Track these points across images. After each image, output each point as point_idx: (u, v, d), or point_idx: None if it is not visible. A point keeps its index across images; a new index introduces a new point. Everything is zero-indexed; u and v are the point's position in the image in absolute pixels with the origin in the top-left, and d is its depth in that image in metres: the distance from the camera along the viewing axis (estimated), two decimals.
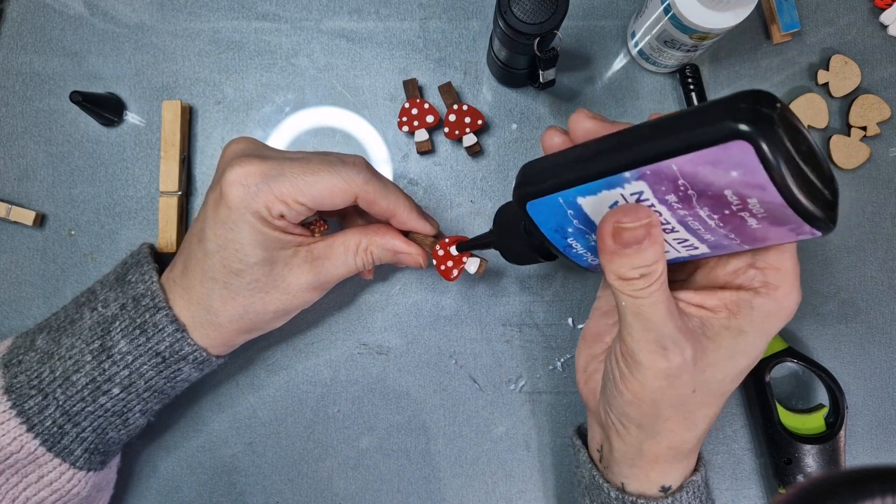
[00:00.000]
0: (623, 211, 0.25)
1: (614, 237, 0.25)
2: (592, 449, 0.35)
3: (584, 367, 0.34)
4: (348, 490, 0.44)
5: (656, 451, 0.30)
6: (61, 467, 0.35)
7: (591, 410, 0.34)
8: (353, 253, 0.36)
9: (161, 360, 0.35)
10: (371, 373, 0.44)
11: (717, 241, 0.25)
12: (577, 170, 0.26)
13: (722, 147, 0.21)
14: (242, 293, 0.34)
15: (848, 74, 0.44)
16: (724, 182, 0.22)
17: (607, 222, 0.25)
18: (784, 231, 0.23)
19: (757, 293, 0.27)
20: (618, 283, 0.26)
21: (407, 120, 0.43)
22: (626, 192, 0.25)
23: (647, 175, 0.24)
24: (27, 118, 0.44)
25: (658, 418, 0.29)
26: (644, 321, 0.26)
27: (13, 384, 0.34)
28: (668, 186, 0.24)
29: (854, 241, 0.44)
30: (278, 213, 0.33)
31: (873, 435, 0.44)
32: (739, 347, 0.27)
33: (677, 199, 0.24)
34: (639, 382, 0.28)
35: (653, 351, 0.26)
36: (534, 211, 0.29)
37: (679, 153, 0.23)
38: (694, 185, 0.23)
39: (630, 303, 0.26)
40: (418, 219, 0.36)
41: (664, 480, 0.32)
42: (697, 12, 0.36)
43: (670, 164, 0.23)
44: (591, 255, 0.30)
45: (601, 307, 0.35)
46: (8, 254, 0.44)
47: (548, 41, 0.36)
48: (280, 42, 0.45)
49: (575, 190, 0.26)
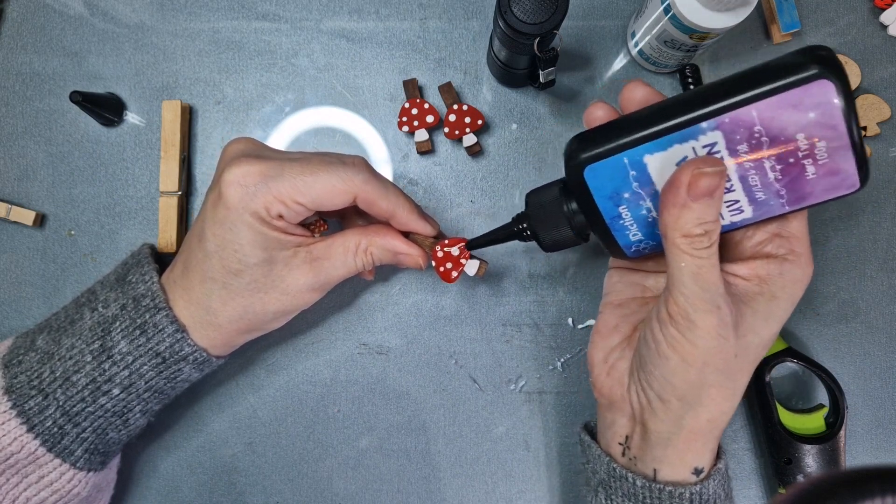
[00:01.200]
0: (701, 160, 0.26)
1: (690, 186, 0.26)
2: (612, 444, 0.35)
3: (603, 360, 0.34)
4: (348, 490, 0.44)
5: (695, 425, 0.31)
6: (61, 468, 0.35)
7: (615, 402, 0.34)
8: (352, 254, 0.36)
9: (161, 361, 0.35)
10: (371, 373, 0.44)
11: (764, 202, 0.28)
12: (647, 126, 0.28)
13: (805, 88, 0.24)
14: (242, 294, 0.34)
15: (848, 74, 0.44)
16: (800, 124, 0.25)
17: (685, 171, 0.26)
18: (833, 183, 0.26)
19: (785, 260, 0.29)
20: (682, 241, 0.27)
21: (407, 120, 0.43)
22: (698, 145, 0.27)
23: (726, 123, 0.26)
24: (27, 118, 0.44)
25: (703, 385, 0.30)
26: (702, 282, 0.27)
27: (13, 384, 0.34)
28: (744, 134, 0.26)
29: (854, 241, 0.44)
30: (277, 214, 0.33)
31: (873, 435, 0.44)
32: (773, 312, 0.30)
33: (749, 148, 0.26)
34: (690, 343, 0.29)
35: (708, 311, 0.28)
36: (592, 176, 0.29)
37: (761, 98, 0.25)
38: (769, 130, 0.25)
39: (690, 263, 0.27)
40: (418, 219, 0.36)
41: (698, 462, 0.32)
42: (697, 12, 0.36)
43: (751, 109, 0.25)
44: (636, 228, 0.31)
45: (613, 301, 0.35)
46: (8, 254, 0.44)
47: (548, 41, 0.36)
48: (280, 42, 0.45)
49: (644, 147, 0.28)
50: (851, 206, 0.44)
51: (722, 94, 0.26)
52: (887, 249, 0.44)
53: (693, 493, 0.31)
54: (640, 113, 0.29)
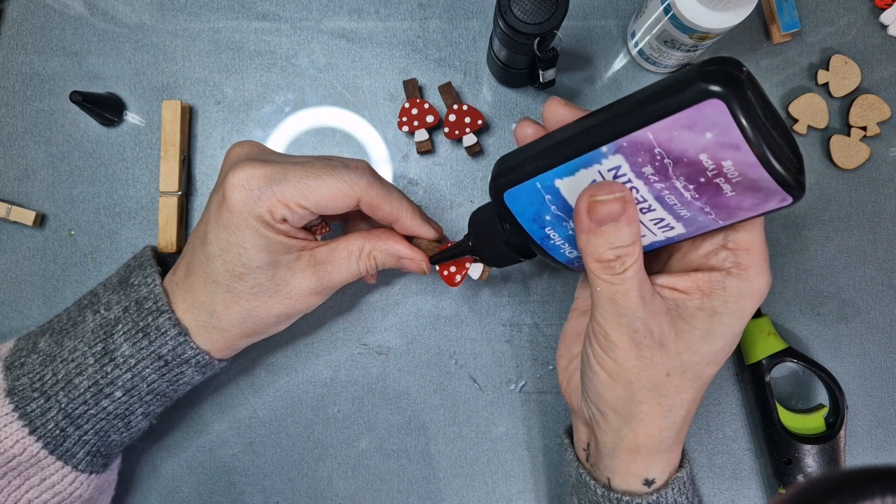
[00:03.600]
0: (597, 186, 0.25)
1: (590, 213, 0.25)
2: (579, 449, 0.35)
3: (565, 368, 0.35)
4: (348, 490, 0.44)
5: (634, 439, 0.30)
6: (63, 470, 0.35)
7: (575, 410, 0.35)
8: (356, 258, 0.36)
9: (163, 364, 0.35)
10: (371, 373, 0.44)
11: (692, 218, 0.26)
12: (553, 152, 0.27)
13: (696, 108, 0.22)
14: (245, 297, 0.34)
15: (848, 74, 0.44)
16: (699, 145, 0.23)
17: (582, 198, 0.26)
18: (758, 199, 0.24)
19: (729, 273, 0.27)
20: (595, 265, 0.27)
21: (407, 120, 0.43)
22: (603, 169, 0.26)
23: (624, 147, 0.25)
24: (27, 118, 0.44)
25: (632, 401, 0.29)
26: (617, 305, 0.27)
27: (15, 387, 0.34)
28: (645, 157, 0.24)
29: (854, 241, 0.44)
30: (281, 217, 0.33)
31: (873, 435, 0.44)
32: (714, 329, 0.28)
33: (654, 170, 0.25)
34: (612, 360, 0.28)
35: (624, 333, 0.27)
36: (511, 201, 0.29)
37: (654, 120, 0.23)
38: (670, 152, 0.24)
39: (605, 288, 0.27)
40: (422, 224, 0.36)
41: (647, 473, 0.32)
42: (697, 12, 0.36)
43: (646, 132, 0.24)
44: (568, 247, 0.30)
45: (579, 307, 0.36)
46: (8, 254, 0.44)
47: (548, 41, 0.36)
48: (280, 42, 0.45)
49: (552, 172, 0.27)
50: (851, 206, 0.44)
51: (621, 114, 0.25)
52: (887, 249, 0.44)
53: (650, 502, 0.31)
54: (551, 136, 0.28)
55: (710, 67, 0.22)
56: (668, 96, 0.23)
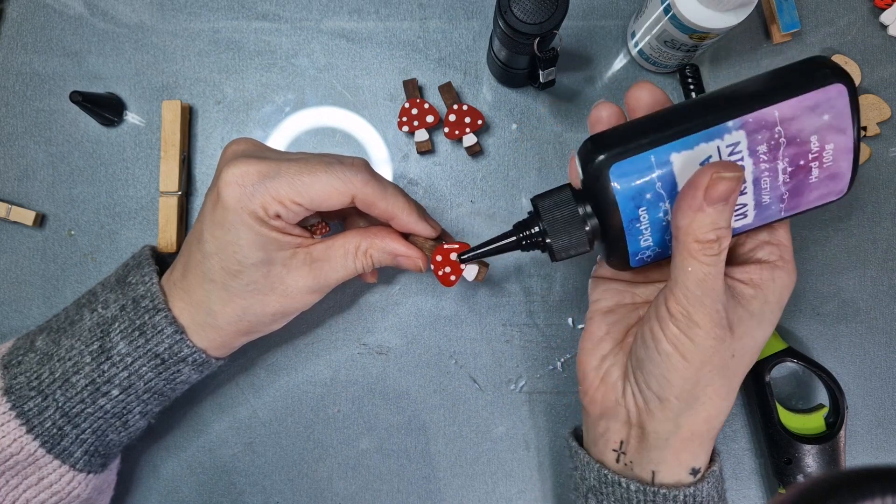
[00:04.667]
0: (720, 164, 0.27)
1: (708, 189, 0.26)
2: (605, 451, 0.34)
3: (596, 367, 0.34)
4: (348, 490, 0.44)
5: (693, 425, 0.31)
6: (61, 469, 0.35)
7: (609, 409, 0.33)
8: (352, 256, 0.36)
9: (160, 362, 0.35)
10: (371, 373, 0.44)
11: (766, 206, 0.29)
12: (674, 125, 0.28)
13: (823, 90, 0.26)
14: (241, 295, 0.34)
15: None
16: (815, 126, 0.26)
17: (704, 173, 0.26)
18: (828, 189, 0.28)
19: (776, 266, 0.31)
20: (694, 246, 0.27)
21: (407, 120, 0.43)
22: (722, 144, 0.27)
23: (749, 123, 0.27)
24: (27, 118, 0.44)
25: (699, 384, 0.30)
26: (706, 287, 0.28)
27: (13, 385, 0.34)
28: (764, 135, 0.27)
29: (854, 241, 0.44)
30: (275, 214, 0.33)
31: (873, 435, 0.44)
32: (765, 316, 0.31)
33: (767, 148, 0.27)
34: (690, 341, 0.29)
35: (708, 313, 0.28)
36: (617, 174, 0.28)
37: (783, 99, 0.26)
38: (788, 131, 0.27)
39: (697, 268, 0.28)
40: (418, 221, 0.36)
41: (695, 462, 0.32)
42: (697, 12, 0.36)
43: (773, 110, 0.26)
44: (649, 233, 0.30)
45: (602, 308, 0.35)
46: (8, 254, 0.44)
47: (548, 41, 0.36)
48: (280, 42, 0.45)
49: (671, 145, 0.28)
50: (851, 206, 0.44)
51: (746, 93, 0.27)
52: (887, 249, 0.44)
53: (687, 494, 0.31)
54: (665, 112, 0.29)
55: (829, 61, 0.26)
56: (797, 79, 0.26)
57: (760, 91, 0.27)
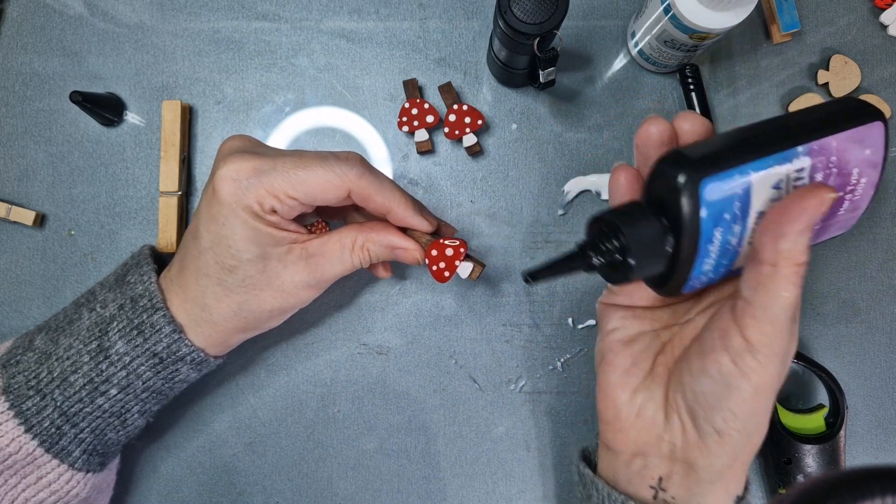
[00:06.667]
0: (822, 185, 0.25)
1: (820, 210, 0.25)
2: (641, 488, 0.31)
3: (628, 402, 0.31)
4: (348, 490, 0.44)
5: (748, 454, 0.29)
6: (60, 468, 0.35)
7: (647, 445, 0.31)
8: (349, 250, 0.36)
9: (158, 361, 0.35)
10: (371, 373, 0.44)
11: None
12: (759, 143, 0.28)
13: (868, 126, 0.27)
14: (236, 290, 0.34)
15: (848, 74, 0.44)
16: (858, 159, 0.28)
17: (818, 193, 0.25)
18: (846, 222, 0.29)
19: None
20: (792, 270, 0.25)
21: (407, 120, 0.43)
22: (792, 168, 0.27)
23: (814, 150, 0.27)
24: (27, 118, 0.44)
25: (761, 412, 0.28)
26: (793, 312, 0.26)
27: (11, 384, 0.34)
28: (822, 163, 0.27)
29: (854, 241, 0.44)
30: (270, 208, 0.33)
31: (873, 435, 0.44)
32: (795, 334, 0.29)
33: (822, 177, 0.28)
34: (766, 371, 0.27)
35: (784, 340, 0.26)
36: (708, 192, 0.27)
37: (840, 130, 0.27)
38: (839, 161, 0.27)
39: (792, 293, 0.26)
40: (414, 215, 0.36)
41: (738, 490, 0.30)
42: (697, 12, 0.36)
43: (832, 140, 0.27)
44: (714, 255, 0.28)
45: (621, 338, 0.32)
46: (8, 254, 0.44)
47: (548, 41, 0.36)
48: (280, 42, 0.45)
49: (751, 164, 0.27)
50: None
51: (809, 121, 0.28)
52: (887, 249, 0.44)
53: None
54: (746, 130, 0.28)
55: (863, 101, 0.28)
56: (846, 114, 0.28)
57: (821, 121, 0.28)
